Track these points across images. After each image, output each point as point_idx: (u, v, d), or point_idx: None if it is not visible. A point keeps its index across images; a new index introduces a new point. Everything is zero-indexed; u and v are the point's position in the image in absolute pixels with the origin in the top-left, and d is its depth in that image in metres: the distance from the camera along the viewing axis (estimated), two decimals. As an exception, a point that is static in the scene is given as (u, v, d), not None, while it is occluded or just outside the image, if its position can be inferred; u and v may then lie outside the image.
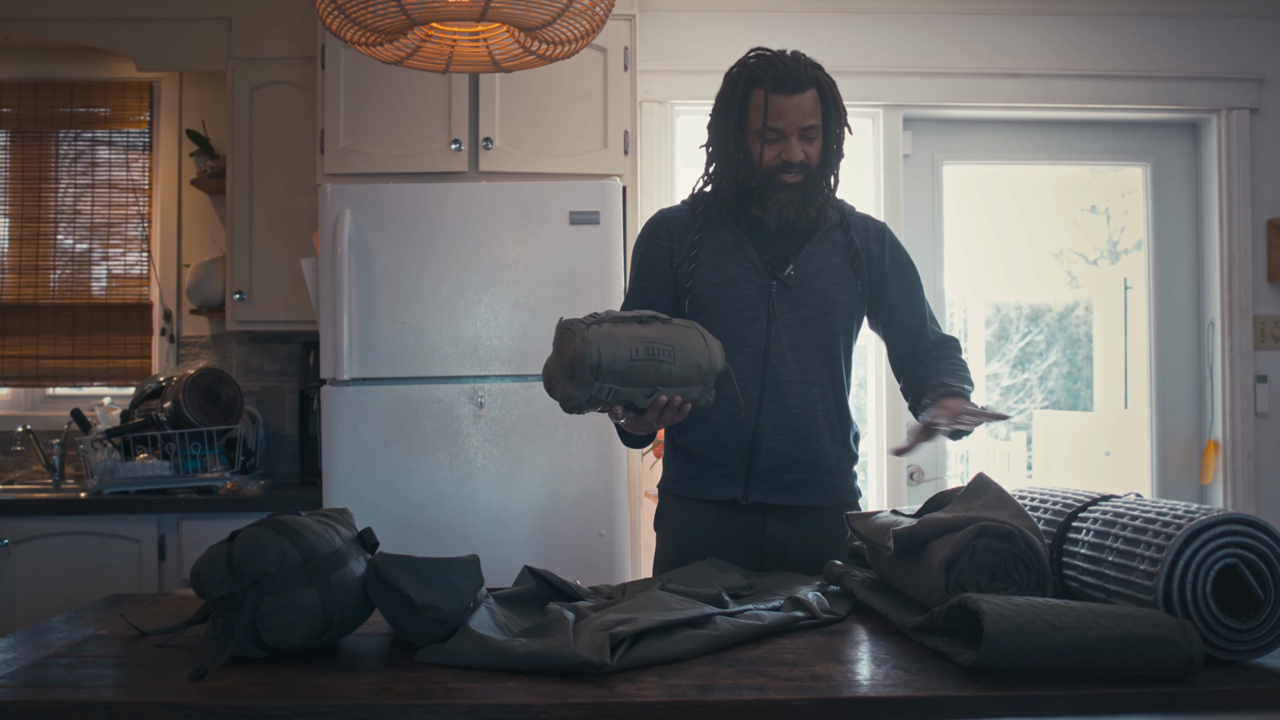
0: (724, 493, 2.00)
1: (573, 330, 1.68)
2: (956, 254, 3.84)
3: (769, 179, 1.96)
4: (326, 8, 1.76)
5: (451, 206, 2.98)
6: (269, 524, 1.47)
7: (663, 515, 2.10)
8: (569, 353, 1.67)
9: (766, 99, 1.92)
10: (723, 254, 2.00)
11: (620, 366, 1.67)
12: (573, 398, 1.69)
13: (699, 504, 2.02)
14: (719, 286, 1.98)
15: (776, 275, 1.98)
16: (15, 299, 3.89)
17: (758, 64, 1.95)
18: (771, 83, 1.92)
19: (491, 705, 1.22)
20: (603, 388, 1.69)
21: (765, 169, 1.95)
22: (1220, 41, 3.72)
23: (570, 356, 1.66)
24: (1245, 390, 3.67)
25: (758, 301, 1.98)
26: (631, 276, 2.10)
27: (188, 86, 3.88)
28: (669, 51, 3.63)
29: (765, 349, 1.97)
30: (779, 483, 1.99)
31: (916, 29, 3.69)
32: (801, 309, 1.99)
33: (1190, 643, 1.26)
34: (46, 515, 3.15)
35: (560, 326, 1.71)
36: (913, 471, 3.71)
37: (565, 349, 1.68)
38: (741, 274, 1.99)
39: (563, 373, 1.69)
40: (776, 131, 1.94)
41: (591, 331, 1.67)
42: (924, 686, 1.26)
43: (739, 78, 1.96)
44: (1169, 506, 1.42)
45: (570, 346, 1.67)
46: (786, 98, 1.92)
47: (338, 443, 2.94)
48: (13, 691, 1.28)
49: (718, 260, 2.00)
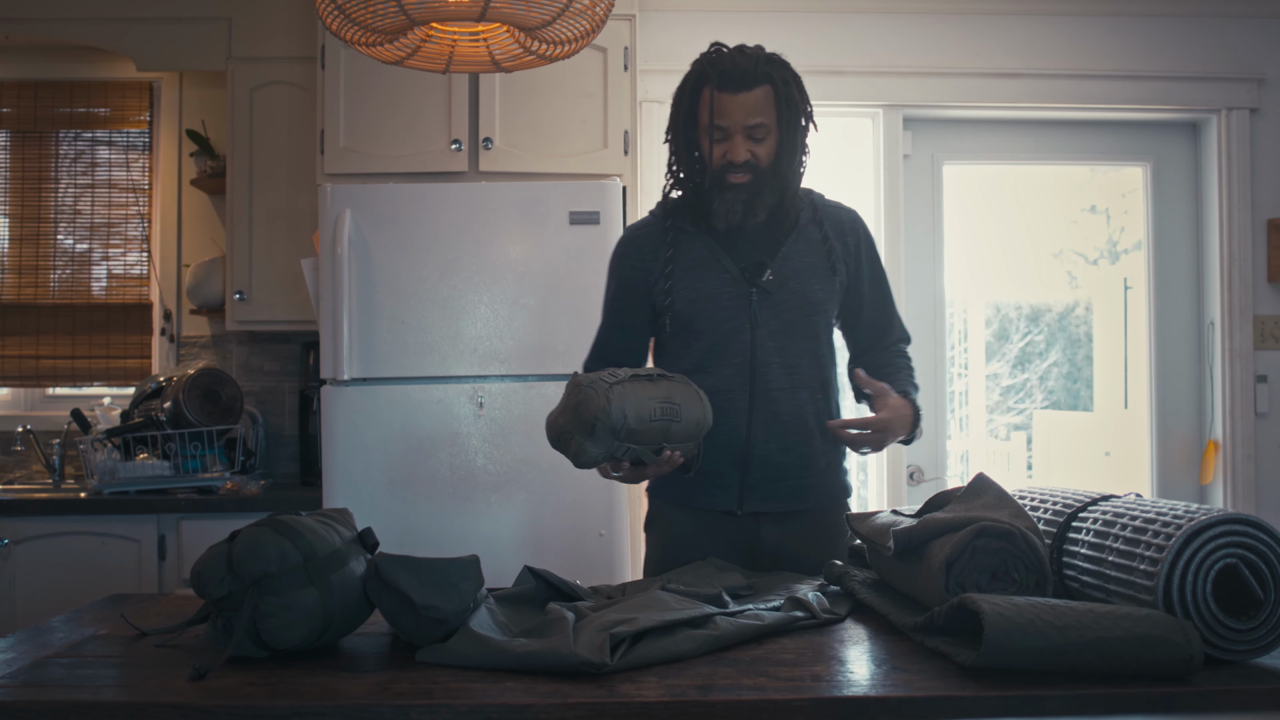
0: (718, 502, 1.97)
1: (595, 390, 1.69)
2: (956, 254, 3.84)
3: (717, 179, 1.92)
4: (326, 8, 1.76)
5: (451, 206, 2.98)
6: (269, 524, 1.47)
7: (653, 519, 2.08)
8: (591, 411, 1.68)
9: (712, 97, 1.88)
10: (698, 267, 1.96)
11: (640, 426, 1.70)
12: (588, 454, 1.72)
13: (691, 510, 2.00)
14: (698, 301, 1.95)
15: (755, 281, 1.94)
16: (15, 299, 3.89)
17: (706, 61, 1.91)
18: (718, 80, 1.88)
19: (491, 705, 1.22)
20: (621, 446, 1.72)
21: (714, 169, 1.92)
22: (1220, 41, 3.72)
23: (593, 416, 1.68)
24: (1245, 390, 3.67)
25: (739, 311, 1.94)
26: (606, 299, 2.07)
27: (188, 86, 3.88)
28: (669, 51, 3.63)
29: (751, 358, 1.94)
30: (773, 491, 1.97)
31: (916, 29, 3.69)
32: (784, 313, 1.95)
33: (1190, 643, 1.26)
34: (46, 515, 3.15)
35: (579, 384, 1.72)
36: (913, 471, 3.71)
37: (586, 408, 1.68)
38: (720, 285, 1.95)
39: (581, 430, 1.70)
40: (722, 130, 1.90)
41: (614, 392, 1.68)
42: (924, 686, 1.26)
43: (690, 75, 1.94)
44: (1169, 506, 1.42)
45: (593, 405, 1.67)
46: (732, 96, 1.88)
47: (338, 443, 2.94)
48: (13, 691, 1.28)
49: (694, 274, 1.96)
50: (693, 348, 1.97)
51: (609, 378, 1.72)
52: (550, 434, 1.76)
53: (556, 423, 1.74)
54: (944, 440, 3.75)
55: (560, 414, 1.74)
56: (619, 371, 1.75)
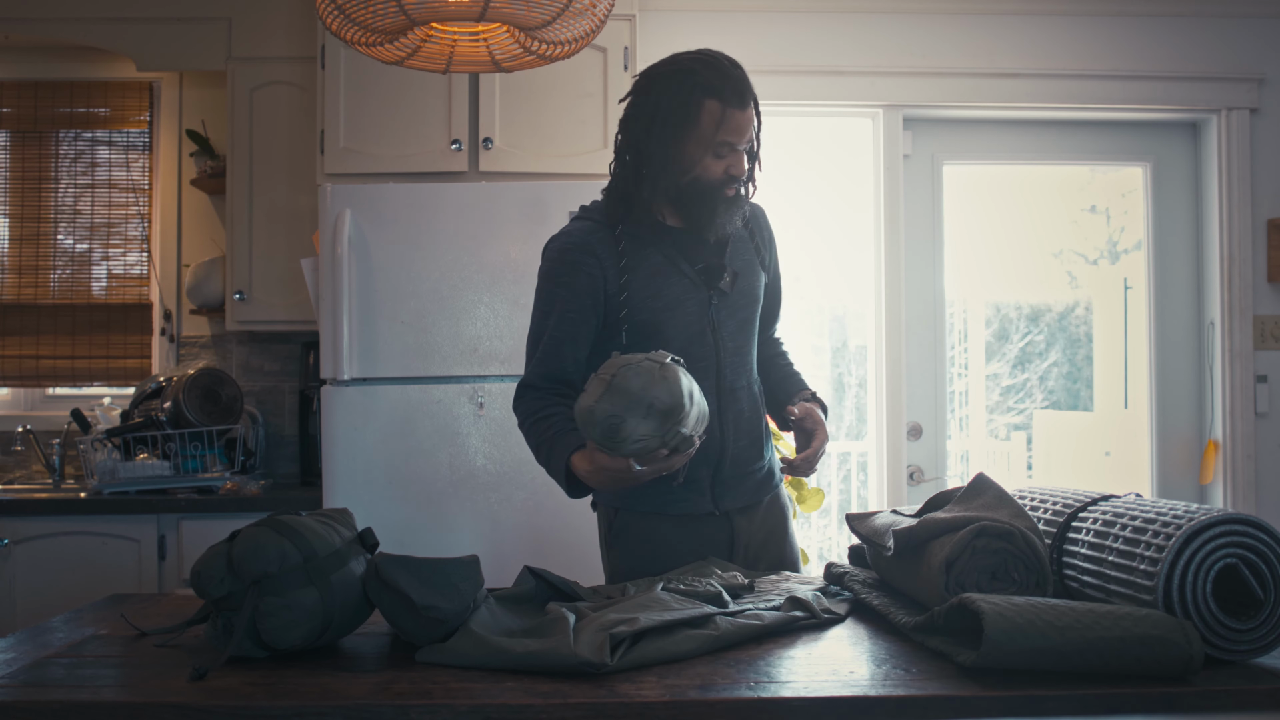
0: (696, 506, 1.95)
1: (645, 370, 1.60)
2: (956, 254, 3.84)
3: (715, 192, 1.89)
4: (326, 8, 1.76)
5: (451, 206, 2.98)
6: (269, 524, 1.47)
7: (621, 533, 1.99)
8: (666, 392, 1.59)
9: (724, 112, 1.84)
10: (658, 275, 1.90)
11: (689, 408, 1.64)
12: (638, 440, 1.61)
13: (670, 518, 1.96)
14: (662, 310, 1.90)
15: (712, 286, 1.93)
16: (15, 299, 3.89)
17: (710, 73, 1.85)
18: (731, 97, 1.84)
19: (491, 705, 1.22)
20: (672, 431, 1.62)
21: (709, 181, 1.88)
22: (1220, 41, 3.72)
23: (669, 400, 1.59)
24: (1245, 390, 3.67)
25: (700, 317, 1.93)
26: (548, 306, 1.91)
27: (188, 86, 3.88)
28: (669, 51, 3.60)
29: (717, 361, 1.94)
30: (743, 487, 1.99)
31: (916, 29, 3.69)
32: (737, 312, 1.97)
33: (1190, 643, 1.26)
34: (46, 515, 3.15)
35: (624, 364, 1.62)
36: (913, 471, 3.71)
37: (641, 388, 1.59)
38: (682, 292, 1.91)
39: (633, 411, 1.59)
40: (729, 146, 1.86)
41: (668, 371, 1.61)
42: (924, 686, 1.26)
43: (687, 84, 1.85)
44: (1169, 506, 1.42)
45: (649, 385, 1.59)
46: (740, 112, 1.84)
47: (338, 443, 2.94)
48: (13, 691, 1.28)
49: (655, 283, 1.90)
50: None
51: (650, 359, 1.63)
52: (585, 420, 1.63)
53: (597, 409, 1.61)
54: (944, 440, 3.75)
55: (601, 399, 1.61)
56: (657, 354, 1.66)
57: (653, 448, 1.63)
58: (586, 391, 1.65)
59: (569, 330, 1.90)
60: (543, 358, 1.92)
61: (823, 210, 3.97)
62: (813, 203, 3.96)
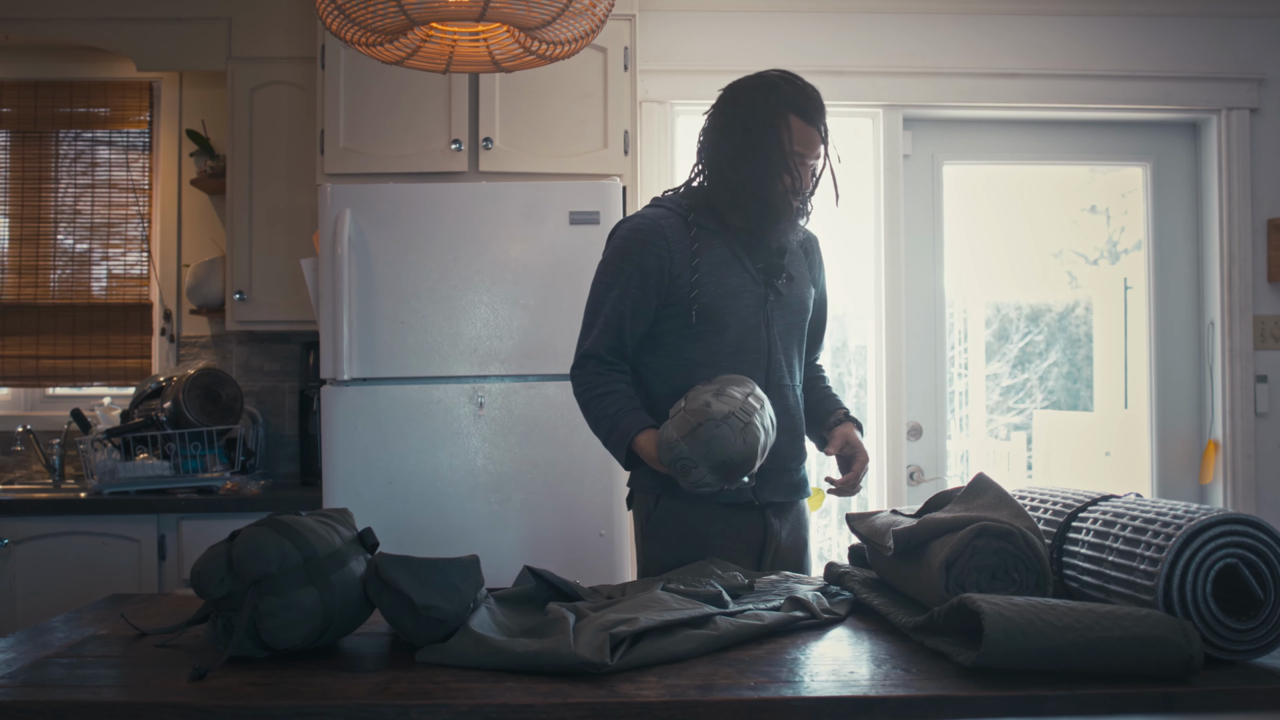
0: (738, 495, 2.03)
1: (730, 428, 1.78)
2: (956, 254, 3.84)
3: (784, 201, 2.02)
4: (326, 8, 1.76)
5: (451, 206, 2.98)
6: (269, 524, 1.47)
7: (662, 520, 2.05)
8: (743, 452, 1.78)
9: (804, 129, 1.99)
10: (723, 265, 2.03)
11: (756, 458, 1.82)
12: (707, 487, 1.83)
13: (712, 506, 2.03)
14: (724, 297, 2.02)
15: (771, 284, 2.06)
16: (15, 299, 3.89)
17: (792, 90, 2.00)
18: (809, 114, 2.00)
19: (491, 705, 1.22)
20: (737, 481, 1.84)
21: (779, 190, 2.01)
22: (1220, 41, 3.72)
23: (742, 458, 1.78)
24: (1245, 390, 3.67)
25: (757, 310, 2.05)
26: (617, 282, 2.02)
27: (188, 86, 3.88)
28: (669, 51, 3.63)
29: (768, 355, 2.06)
30: (779, 482, 2.07)
31: (916, 29, 3.69)
32: (788, 314, 2.10)
33: (1190, 643, 1.26)
34: (46, 515, 3.15)
35: (710, 416, 1.79)
36: (913, 471, 3.71)
37: (720, 446, 1.77)
38: (742, 284, 2.04)
39: (709, 465, 1.78)
40: (801, 159, 2.01)
41: (749, 432, 1.79)
42: (924, 686, 1.26)
43: (773, 100, 1.99)
44: (1169, 506, 1.42)
45: (728, 445, 1.77)
46: (814, 129, 2.01)
47: (338, 443, 2.94)
48: (13, 691, 1.28)
49: (719, 271, 2.03)
50: (715, 342, 2.02)
51: (741, 412, 1.79)
52: (662, 448, 1.81)
53: (677, 446, 1.78)
54: (944, 440, 3.75)
55: (684, 439, 1.78)
56: (739, 394, 1.83)
57: (715, 489, 1.84)
58: (673, 420, 1.82)
59: (632, 306, 2.02)
60: (606, 328, 2.03)
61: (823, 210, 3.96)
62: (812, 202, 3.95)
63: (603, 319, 2.03)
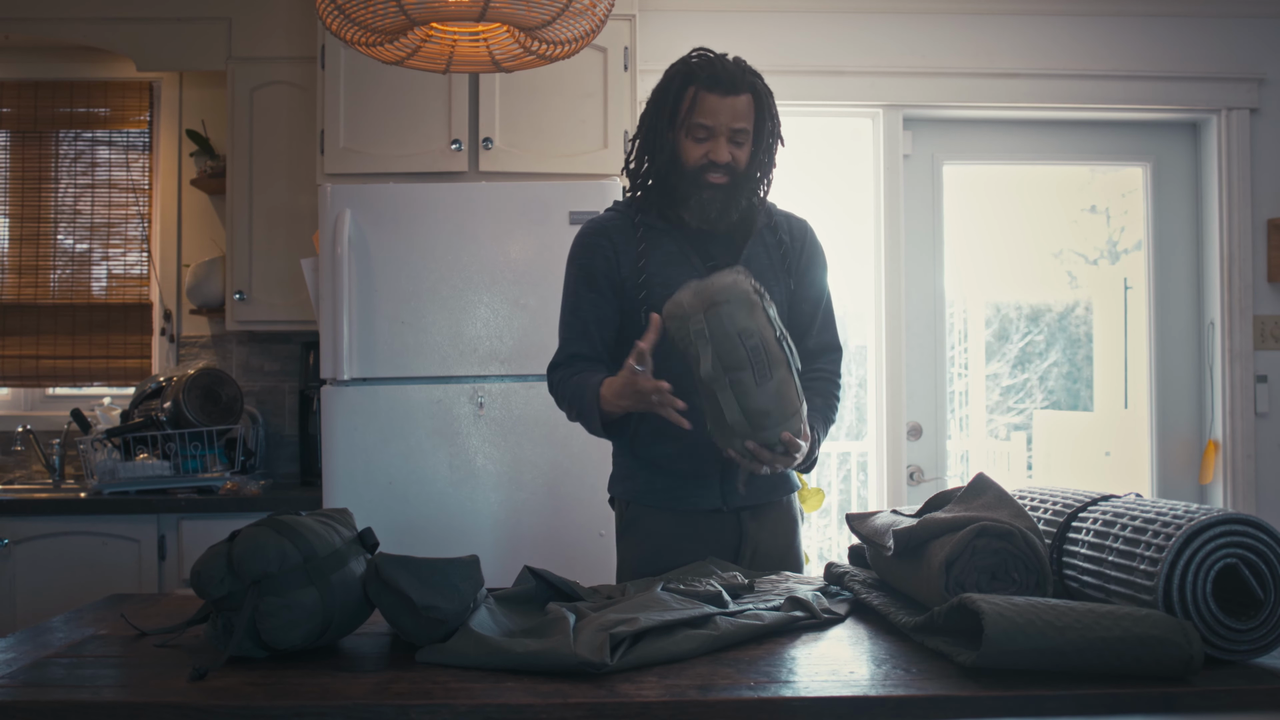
0: (704, 501, 1.98)
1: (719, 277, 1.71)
2: (956, 254, 3.84)
3: (694, 177, 1.94)
4: (326, 8, 1.76)
5: (451, 206, 2.98)
6: (269, 524, 1.47)
7: (632, 524, 2.03)
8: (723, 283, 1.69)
9: (698, 96, 1.91)
10: (670, 263, 1.97)
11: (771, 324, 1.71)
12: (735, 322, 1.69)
13: (677, 513, 1.99)
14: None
15: None
16: (15, 299, 3.89)
17: (698, 63, 1.94)
18: (707, 81, 1.91)
19: (491, 705, 1.22)
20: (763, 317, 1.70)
21: (691, 167, 1.94)
22: (1220, 41, 3.72)
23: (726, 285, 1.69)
24: (1245, 390, 3.67)
25: None
26: (573, 289, 2.01)
27: (188, 86, 3.88)
28: (669, 51, 3.59)
29: None
30: (751, 485, 1.99)
31: (916, 29, 3.69)
32: None
33: (1190, 643, 1.26)
34: (46, 515, 3.15)
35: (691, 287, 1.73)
36: (913, 471, 3.71)
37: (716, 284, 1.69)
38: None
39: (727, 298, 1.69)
40: (706, 129, 1.92)
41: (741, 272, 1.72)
42: (924, 686, 1.26)
43: (676, 74, 1.95)
44: (1169, 506, 1.42)
45: (723, 279, 1.69)
46: (720, 98, 1.91)
47: (338, 443, 2.94)
48: (13, 691, 1.28)
49: (667, 270, 1.96)
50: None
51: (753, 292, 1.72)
52: (676, 327, 1.71)
53: (678, 309, 1.70)
54: (944, 440, 3.75)
55: (683, 302, 1.70)
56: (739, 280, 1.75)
57: (752, 332, 1.67)
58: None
59: (592, 311, 1.99)
60: (570, 337, 2.00)
61: (822, 210, 3.96)
62: (812, 203, 3.96)
63: (565, 328, 2.02)
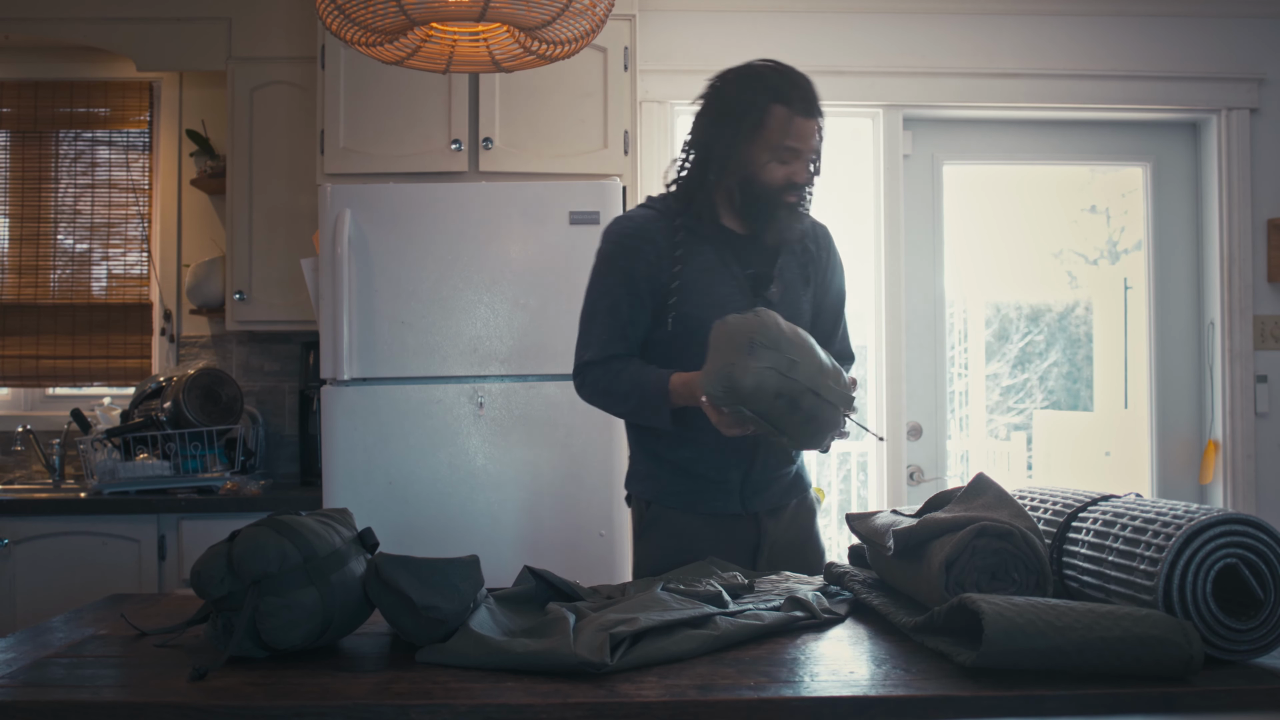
0: (725, 506, 2.01)
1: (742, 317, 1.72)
2: (956, 254, 3.84)
3: (773, 197, 1.93)
4: (326, 8, 1.76)
5: (451, 206, 2.98)
6: (269, 524, 1.47)
7: (652, 524, 2.03)
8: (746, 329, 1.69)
9: (791, 119, 1.89)
10: (708, 271, 1.95)
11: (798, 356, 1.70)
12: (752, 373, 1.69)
13: (700, 515, 2.01)
14: (710, 307, 1.91)
15: (760, 293, 1.97)
16: (15, 299, 3.89)
17: (782, 81, 1.91)
18: (801, 106, 1.90)
19: (491, 705, 1.22)
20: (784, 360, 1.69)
21: (771, 185, 1.92)
22: (1220, 41, 3.72)
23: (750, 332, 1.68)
24: (1245, 390, 3.67)
25: None
26: (611, 290, 1.96)
27: (188, 86, 3.88)
28: (669, 51, 3.63)
29: None
30: (770, 490, 2.04)
31: (916, 29, 3.69)
32: None
33: (1190, 643, 1.26)
34: (46, 515, 3.15)
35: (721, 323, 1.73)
36: (913, 471, 3.71)
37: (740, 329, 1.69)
38: (729, 294, 1.95)
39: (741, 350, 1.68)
40: (793, 152, 1.91)
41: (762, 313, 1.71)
42: (924, 686, 1.26)
43: (756, 88, 1.90)
44: (1169, 506, 1.42)
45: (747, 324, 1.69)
46: (807, 120, 1.90)
47: (338, 443, 2.94)
48: (13, 691, 1.28)
49: (704, 278, 1.94)
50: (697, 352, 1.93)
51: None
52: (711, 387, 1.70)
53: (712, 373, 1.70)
54: (944, 440, 3.75)
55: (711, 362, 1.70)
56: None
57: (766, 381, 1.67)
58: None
59: (626, 313, 1.95)
60: (610, 338, 1.96)
61: (822, 210, 3.96)
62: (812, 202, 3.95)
63: (601, 327, 1.97)
